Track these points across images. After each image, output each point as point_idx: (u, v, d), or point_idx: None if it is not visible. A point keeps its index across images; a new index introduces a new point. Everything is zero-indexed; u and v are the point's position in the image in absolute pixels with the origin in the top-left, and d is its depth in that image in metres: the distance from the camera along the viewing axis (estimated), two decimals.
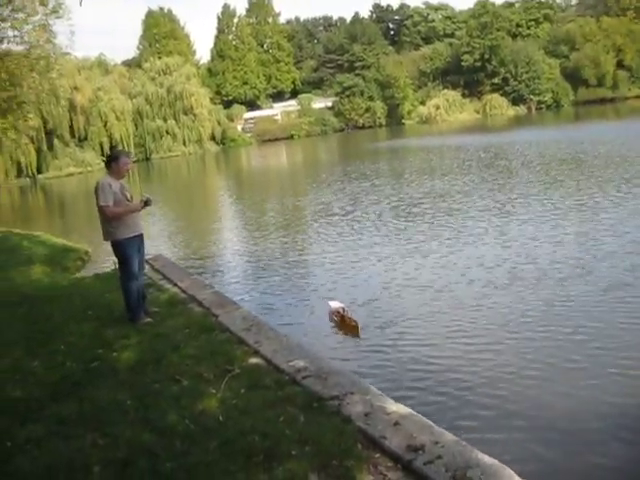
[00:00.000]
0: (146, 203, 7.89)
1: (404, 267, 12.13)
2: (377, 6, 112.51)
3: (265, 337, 6.75)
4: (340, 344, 8.38)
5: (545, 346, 7.57)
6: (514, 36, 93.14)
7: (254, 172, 47.78)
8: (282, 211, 22.15)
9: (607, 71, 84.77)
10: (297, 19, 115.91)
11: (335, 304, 9.24)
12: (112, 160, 7.91)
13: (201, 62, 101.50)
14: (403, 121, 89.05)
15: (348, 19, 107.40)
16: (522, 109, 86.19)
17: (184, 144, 79.38)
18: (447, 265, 11.86)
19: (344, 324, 8.76)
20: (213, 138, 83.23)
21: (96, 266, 14.73)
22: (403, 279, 11.19)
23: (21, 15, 18.85)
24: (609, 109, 71.20)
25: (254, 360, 6.22)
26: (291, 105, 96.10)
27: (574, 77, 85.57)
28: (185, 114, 78.99)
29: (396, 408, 4.82)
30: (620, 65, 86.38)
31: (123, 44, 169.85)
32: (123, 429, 4.93)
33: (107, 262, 13.14)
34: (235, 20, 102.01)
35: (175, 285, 10.00)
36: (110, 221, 7.70)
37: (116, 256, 7.97)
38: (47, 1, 18.45)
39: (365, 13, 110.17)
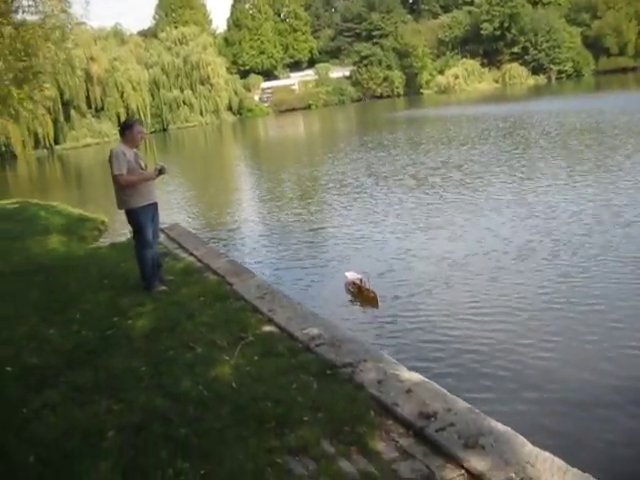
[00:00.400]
0: (160, 171, 7.86)
1: (420, 238, 12.07)
2: None
3: (279, 305, 6.74)
4: (356, 314, 8.37)
5: (562, 317, 7.51)
6: (534, 4, 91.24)
7: (271, 142, 47.61)
8: (298, 181, 22.08)
9: (629, 40, 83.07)
10: None
11: (352, 275, 9.16)
12: (126, 128, 7.87)
13: (217, 32, 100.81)
14: (421, 91, 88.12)
15: None
16: (542, 78, 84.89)
17: (201, 114, 79.18)
18: (464, 236, 11.77)
19: (362, 295, 8.68)
20: (230, 108, 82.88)
21: (113, 236, 14.80)
22: (419, 250, 11.13)
23: None
24: (631, 78, 69.86)
25: (268, 328, 6.22)
26: (308, 75, 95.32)
27: (595, 46, 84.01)
28: (202, 84, 78.65)
29: (409, 376, 4.81)
30: None
31: (139, 14, 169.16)
32: (137, 395, 4.96)
33: (123, 232, 13.18)
34: None
35: (191, 254, 10.02)
36: (124, 189, 7.68)
37: (130, 225, 7.98)
38: None
39: None
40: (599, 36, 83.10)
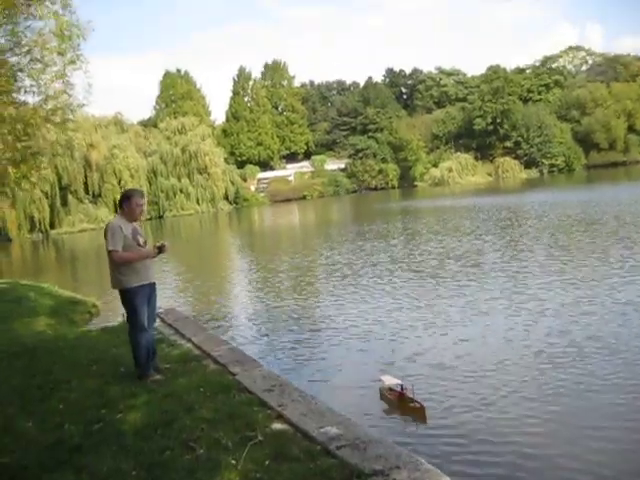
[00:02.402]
0: (160, 250, 7.21)
1: (429, 332, 11.33)
2: (390, 71, 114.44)
3: (290, 399, 5.96)
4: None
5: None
6: (525, 101, 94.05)
7: (267, 230, 47.33)
8: (297, 269, 21.46)
9: (618, 135, 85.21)
10: (311, 83, 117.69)
11: (390, 379, 7.99)
12: (124, 200, 7.28)
13: (216, 123, 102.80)
14: (415, 183, 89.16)
15: (361, 83, 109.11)
16: (534, 172, 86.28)
17: (197, 203, 79.48)
18: (486, 334, 11.06)
19: (404, 404, 7.48)
20: (226, 197, 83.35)
21: (105, 320, 14.00)
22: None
23: (39, 65, 18.68)
24: (621, 172, 70.94)
25: (278, 425, 5.43)
26: (304, 166, 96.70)
27: (585, 141, 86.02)
28: (199, 173, 79.36)
29: None
30: (631, 129, 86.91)
31: (139, 105, 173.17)
32: None
33: (117, 315, 12.42)
34: (250, 83, 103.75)
35: (189, 340, 9.24)
36: (119, 267, 7.02)
37: (124, 306, 7.26)
38: (65, 51, 18.28)
39: (378, 78, 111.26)
40: (589, 132, 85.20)
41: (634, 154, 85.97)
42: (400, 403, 7.57)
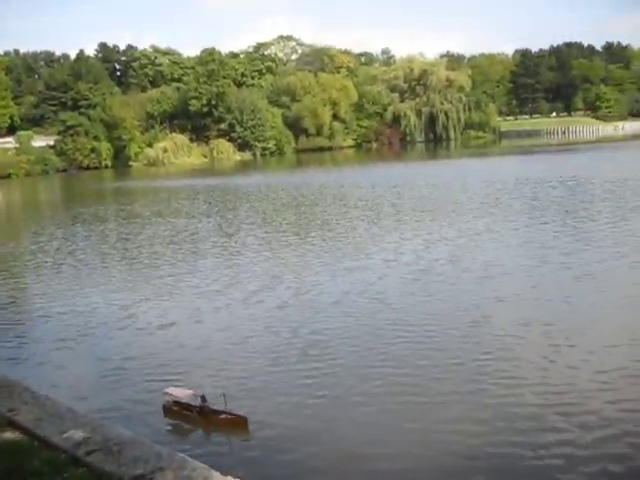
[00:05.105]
0: None
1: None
2: (103, 45, 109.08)
3: (21, 402, 5.31)
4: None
5: None
6: (239, 85, 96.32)
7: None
8: None
9: (325, 122, 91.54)
10: (16, 51, 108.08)
11: (178, 391, 7.32)
12: None
13: None
14: (130, 163, 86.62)
15: (72, 56, 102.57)
16: (248, 154, 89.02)
17: None
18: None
19: (208, 418, 7.01)
20: None
21: None
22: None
23: None
24: (327, 157, 76.60)
25: (9, 435, 4.81)
26: (8, 142, 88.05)
27: (295, 126, 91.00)
28: None
29: None
30: (336, 117, 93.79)
31: None
32: None
33: None
34: None
35: None
36: None
37: None
38: None
39: (91, 52, 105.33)
40: (298, 118, 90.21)
41: (338, 140, 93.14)
42: (207, 418, 7.03)
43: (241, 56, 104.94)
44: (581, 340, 10.49)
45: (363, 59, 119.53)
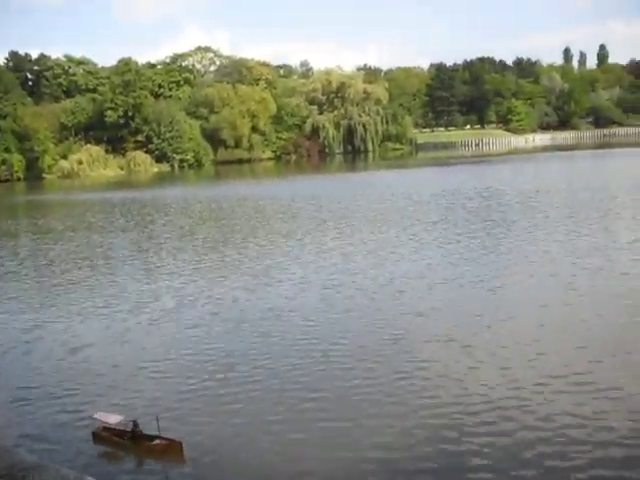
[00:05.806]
0: None
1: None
2: (14, 54, 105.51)
3: None
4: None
5: None
6: (157, 96, 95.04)
7: None
8: None
9: (244, 134, 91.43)
10: None
11: (110, 417, 7.10)
12: None
13: None
14: (44, 175, 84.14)
15: None
16: (166, 166, 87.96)
17: None
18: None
19: (140, 444, 6.86)
20: None
21: None
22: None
23: None
24: (246, 169, 76.74)
25: None
26: None
27: (214, 138, 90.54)
28: None
29: None
30: (255, 129, 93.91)
31: None
32: None
33: None
34: None
35: None
36: None
37: None
38: None
39: (0, 60, 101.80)
40: (217, 129, 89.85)
41: (258, 152, 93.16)
42: (135, 442, 6.87)
43: (158, 67, 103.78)
44: (497, 355, 11.01)
45: (282, 71, 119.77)
